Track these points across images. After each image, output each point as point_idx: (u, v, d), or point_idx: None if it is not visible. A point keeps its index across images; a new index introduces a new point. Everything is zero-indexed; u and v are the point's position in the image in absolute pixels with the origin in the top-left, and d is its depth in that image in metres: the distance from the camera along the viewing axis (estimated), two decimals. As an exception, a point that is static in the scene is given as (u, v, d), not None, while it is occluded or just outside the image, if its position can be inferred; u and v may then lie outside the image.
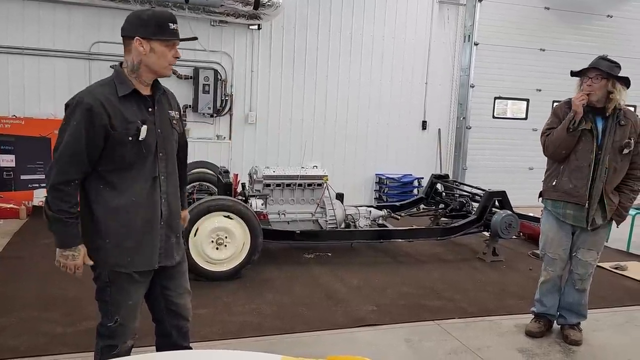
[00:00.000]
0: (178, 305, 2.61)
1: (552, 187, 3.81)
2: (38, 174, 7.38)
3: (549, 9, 9.77)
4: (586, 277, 3.88)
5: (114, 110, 2.25)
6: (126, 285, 2.39)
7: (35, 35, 7.48)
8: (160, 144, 2.39)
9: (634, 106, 10.60)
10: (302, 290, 4.78)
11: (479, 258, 6.11)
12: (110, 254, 2.34)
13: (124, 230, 2.33)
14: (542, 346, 3.86)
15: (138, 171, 2.33)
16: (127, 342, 2.49)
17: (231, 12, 7.68)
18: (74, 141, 2.22)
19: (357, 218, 6.07)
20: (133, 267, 2.37)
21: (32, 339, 3.53)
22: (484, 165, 9.70)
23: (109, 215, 2.31)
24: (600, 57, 3.68)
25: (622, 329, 4.26)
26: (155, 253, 2.42)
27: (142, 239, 2.37)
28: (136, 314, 2.49)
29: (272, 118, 8.67)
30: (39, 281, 4.65)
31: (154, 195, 2.38)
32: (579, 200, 3.68)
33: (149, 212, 2.37)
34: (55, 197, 2.26)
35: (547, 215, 3.92)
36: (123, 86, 2.33)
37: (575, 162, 3.69)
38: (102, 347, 2.46)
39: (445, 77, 9.53)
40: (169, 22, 2.32)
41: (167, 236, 2.47)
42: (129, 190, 2.32)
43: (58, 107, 7.61)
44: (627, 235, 6.80)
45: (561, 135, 3.66)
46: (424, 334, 3.97)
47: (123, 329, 2.44)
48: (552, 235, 3.89)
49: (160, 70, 2.37)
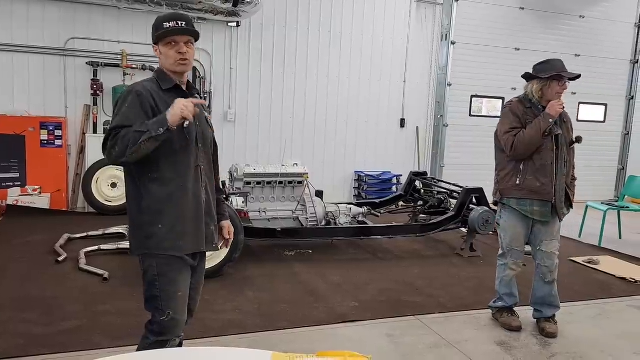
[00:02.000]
0: (192, 299, 2.68)
1: (515, 186, 3.92)
2: (12, 173, 7.22)
3: (524, 9, 9.95)
4: (554, 268, 4.01)
5: (160, 99, 2.42)
6: (174, 275, 2.48)
7: (8, 30, 7.30)
8: (199, 136, 2.53)
9: (605, 104, 10.91)
10: (284, 288, 4.79)
11: (457, 254, 6.21)
12: (164, 238, 2.43)
13: (175, 216, 2.44)
14: (519, 339, 3.95)
15: (182, 160, 2.46)
16: (178, 337, 2.56)
17: (210, 9, 7.63)
18: (129, 114, 2.34)
19: (338, 215, 6.11)
20: (186, 249, 2.48)
21: (10, 341, 3.47)
22: (461, 162, 9.83)
23: (159, 203, 2.42)
24: (559, 60, 3.87)
25: (595, 322, 4.39)
26: (202, 237, 2.55)
27: (191, 223, 2.49)
28: (185, 307, 2.56)
29: (252, 116, 8.65)
30: (15, 281, 4.57)
31: (198, 183, 2.52)
32: (546, 197, 3.85)
33: (195, 199, 2.50)
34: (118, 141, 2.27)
35: (510, 213, 4.03)
36: (165, 81, 2.49)
37: (539, 161, 3.83)
38: (152, 343, 2.50)
39: (423, 75, 9.63)
40: (163, 22, 2.44)
41: (208, 223, 2.59)
42: (175, 178, 2.44)
43: (32, 104, 7.47)
44: (599, 231, 7.00)
45: (535, 139, 3.77)
46: (404, 329, 4.02)
47: (175, 322, 2.50)
48: (518, 230, 4.03)
49: (172, 69, 2.49)
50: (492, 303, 4.28)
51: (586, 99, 10.60)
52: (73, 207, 7.68)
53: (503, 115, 4.02)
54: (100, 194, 7.39)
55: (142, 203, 2.43)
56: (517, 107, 3.92)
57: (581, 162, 10.65)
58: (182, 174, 2.45)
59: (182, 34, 2.45)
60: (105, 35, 7.72)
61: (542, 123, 3.76)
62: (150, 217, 2.43)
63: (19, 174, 7.27)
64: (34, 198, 7.18)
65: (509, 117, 3.93)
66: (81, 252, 5.22)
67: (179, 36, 2.44)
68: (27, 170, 7.28)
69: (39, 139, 7.32)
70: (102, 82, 7.62)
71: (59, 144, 7.44)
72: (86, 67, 7.63)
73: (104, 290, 4.47)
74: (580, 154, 11.29)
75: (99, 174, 7.38)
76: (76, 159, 7.72)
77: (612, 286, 5.26)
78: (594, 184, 10.42)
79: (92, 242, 5.69)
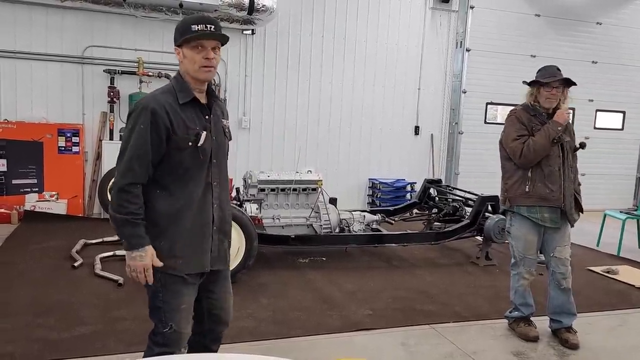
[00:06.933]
0: (221, 309, 2.62)
1: (525, 194, 3.89)
2: (30, 179, 7.33)
3: (540, 16, 9.88)
4: (568, 274, 3.95)
5: (175, 116, 2.31)
6: (179, 288, 2.40)
7: (27, 39, 7.44)
8: (214, 152, 2.43)
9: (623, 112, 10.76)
10: (297, 295, 4.77)
11: (472, 262, 6.14)
12: (165, 256, 2.35)
13: (178, 233, 2.36)
14: (536, 349, 3.89)
15: (193, 177, 2.37)
16: (182, 349, 2.46)
17: (225, 17, 7.70)
18: (142, 143, 2.26)
19: (351, 222, 6.08)
20: (186, 269, 2.39)
21: (26, 345, 3.49)
22: (475, 170, 9.76)
23: (163, 219, 2.35)
24: (554, 66, 3.87)
25: (615, 333, 4.30)
26: (207, 257, 2.44)
27: (195, 242, 2.40)
28: (189, 319, 2.48)
29: (266, 123, 8.69)
30: (32, 286, 4.61)
31: (207, 201, 2.42)
32: (555, 203, 3.83)
33: (202, 217, 2.41)
34: (123, 199, 2.26)
35: (521, 220, 3.98)
36: (183, 94, 2.37)
37: (548, 168, 3.82)
38: (156, 354, 2.41)
39: (437, 82, 9.60)
40: (191, 25, 2.29)
41: (220, 240, 2.50)
42: (184, 195, 2.36)
43: (50, 111, 7.58)
44: (617, 240, 6.88)
45: (545, 146, 3.76)
46: (419, 337, 3.98)
47: (178, 335, 2.42)
48: (530, 237, 3.98)
49: (195, 74, 2.36)
50: (508, 313, 4.22)
51: (604, 106, 10.48)
52: (89, 213, 7.76)
53: (508, 123, 3.98)
54: (115, 200, 7.47)
55: (148, 215, 2.34)
56: (522, 114, 3.91)
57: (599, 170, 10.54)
58: (189, 192, 2.36)
59: (211, 38, 2.33)
60: (122, 43, 7.83)
61: (551, 131, 3.76)
62: (154, 231, 2.34)
63: (37, 179, 7.37)
64: (51, 204, 7.26)
65: (515, 124, 3.90)
66: (97, 258, 5.26)
67: (207, 40, 2.31)
68: (44, 176, 7.39)
69: (57, 145, 7.43)
70: (118, 89, 7.71)
71: (76, 150, 7.54)
72: (103, 74, 7.73)
73: (119, 295, 4.49)
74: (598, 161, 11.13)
75: (115, 180, 7.47)
76: (93, 166, 7.80)
77: (632, 296, 5.15)
78: (612, 192, 10.28)
79: (108, 248, 5.72)
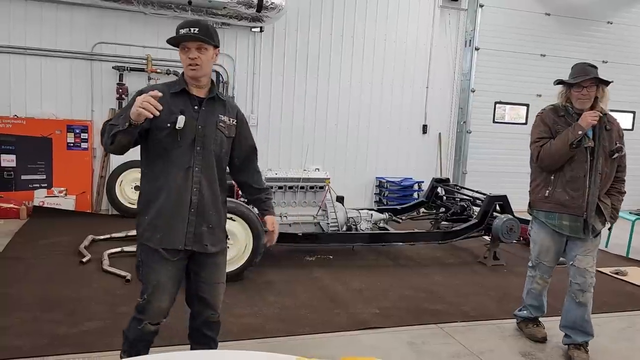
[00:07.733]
0: (209, 294, 2.80)
1: (544, 198, 3.73)
2: (39, 174, 7.38)
3: (550, 15, 9.81)
4: (586, 287, 3.67)
5: (162, 100, 2.45)
6: (154, 264, 2.64)
7: (38, 35, 7.47)
8: (198, 139, 2.60)
9: (633, 112, 10.67)
10: (304, 293, 4.77)
11: (480, 262, 6.11)
12: (145, 229, 2.64)
13: (155, 209, 2.61)
14: (544, 350, 3.86)
15: (173, 161, 2.59)
16: (153, 323, 2.68)
17: (234, 15, 7.69)
18: (127, 107, 2.48)
19: (359, 221, 6.07)
20: (160, 244, 2.61)
21: (35, 340, 3.51)
22: (484, 169, 9.71)
23: (147, 196, 2.65)
24: (585, 64, 3.67)
25: (623, 334, 4.27)
26: (181, 236, 2.62)
27: (171, 220, 2.61)
28: (161, 296, 2.65)
29: (274, 120, 8.68)
30: (41, 281, 4.64)
31: (186, 184, 2.61)
32: (576, 212, 3.60)
33: (179, 198, 2.60)
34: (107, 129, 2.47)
35: (540, 225, 3.84)
36: (177, 86, 2.65)
37: (570, 173, 3.61)
38: (132, 318, 2.73)
39: (446, 81, 9.56)
40: (179, 29, 2.56)
41: (199, 224, 2.65)
42: (163, 175, 2.60)
43: (59, 108, 7.61)
44: (626, 241, 6.82)
45: (562, 150, 3.56)
46: (426, 337, 3.97)
47: (149, 306, 2.65)
48: (547, 243, 3.83)
49: (185, 72, 2.62)
50: (517, 311, 4.19)
51: (614, 106, 10.20)
52: (97, 209, 7.79)
53: (533, 124, 3.86)
54: (123, 197, 7.53)
55: (139, 192, 2.71)
56: (548, 115, 3.74)
57: (608, 171, 10.38)
58: (168, 173, 2.58)
59: (192, 40, 2.55)
60: (131, 40, 7.84)
61: (571, 134, 3.50)
62: (141, 207, 2.68)
63: (46, 175, 7.41)
64: (59, 199, 7.31)
65: (539, 126, 3.77)
66: (104, 254, 5.28)
67: (190, 42, 2.55)
68: (53, 172, 7.43)
69: (66, 141, 7.47)
70: (127, 86, 7.73)
71: (85, 146, 7.57)
72: (112, 71, 7.76)
73: (126, 291, 4.51)
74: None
75: (123, 177, 7.52)
76: (101, 162, 7.83)
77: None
78: (621, 193, 10.17)
79: (116, 244, 5.75)
